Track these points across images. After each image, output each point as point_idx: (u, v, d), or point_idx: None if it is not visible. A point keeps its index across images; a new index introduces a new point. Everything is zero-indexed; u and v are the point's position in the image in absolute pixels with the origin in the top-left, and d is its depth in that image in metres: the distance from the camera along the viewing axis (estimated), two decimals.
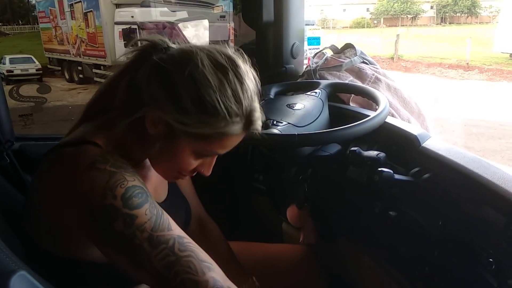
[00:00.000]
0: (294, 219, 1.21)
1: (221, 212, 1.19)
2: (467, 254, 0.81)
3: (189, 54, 0.74)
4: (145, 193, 0.70)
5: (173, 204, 0.95)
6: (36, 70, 10.32)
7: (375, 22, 26.49)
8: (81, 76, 10.40)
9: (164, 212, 0.71)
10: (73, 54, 10.47)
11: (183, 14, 8.49)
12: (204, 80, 0.71)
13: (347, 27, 25.99)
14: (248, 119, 0.76)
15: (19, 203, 1.03)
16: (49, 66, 11.37)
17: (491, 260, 0.74)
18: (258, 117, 0.77)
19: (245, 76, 0.75)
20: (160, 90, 0.72)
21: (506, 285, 0.70)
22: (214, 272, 0.66)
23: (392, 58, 13.45)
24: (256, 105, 0.77)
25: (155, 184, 0.90)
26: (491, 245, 0.76)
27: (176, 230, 0.69)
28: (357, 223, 1.12)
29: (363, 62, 1.45)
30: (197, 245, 0.69)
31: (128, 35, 8.88)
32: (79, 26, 10.08)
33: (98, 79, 9.94)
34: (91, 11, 9.55)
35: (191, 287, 0.64)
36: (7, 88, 1.60)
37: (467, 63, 11.92)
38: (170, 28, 8.16)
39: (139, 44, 0.80)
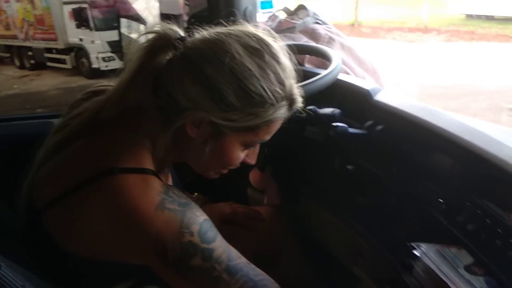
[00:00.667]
0: (257, 182, 1.22)
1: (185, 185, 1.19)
2: (420, 198, 0.84)
3: (219, 45, 0.69)
4: (212, 224, 0.71)
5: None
6: None
7: None
8: (32, 61, 9.86)
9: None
10: (21, 39, 9.90)
11: None
12: (245, 70, 0.68)
13: None
14: (291, 99, 0.74)
15: None
16: None
17: (440, 200, 0.78)
18: (298, 93, 0.75)
19: (280, 53, 0.72)
20: (199, 91, 0.69)
21: (454, 221, 0.74)
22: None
23: (353, 24, 13.52)
24: (294, 81, 0.75)
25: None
26: (440, 187, 0.80)
27: (242, 258, 0.72)
28: (318, 180, 1.15)
29: (317, 23, 1.45)
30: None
31: (79, 14, 8.48)
32: (25, 8, 9.51)
33: (51, 64, 9.51)
34: None
35: None
36: None
37: (425, 26, 12.15)
38: (121, 3, 7.84)
39: (146, 37, 0.74)
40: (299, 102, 0.76)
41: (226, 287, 0.68)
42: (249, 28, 0.73)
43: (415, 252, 0.71)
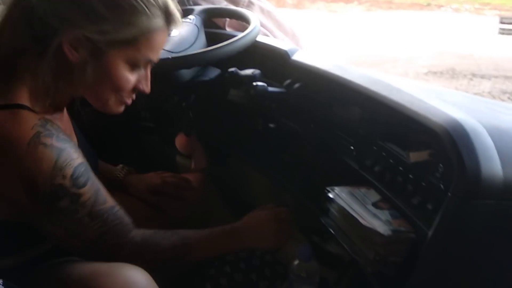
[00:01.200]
0: (184, 147, 1.23)
1: (113, 156, 1.16)
2: (334, 147, 0.91)
3: None
4: (87, 168, 0.71)
5: (83, 148, 0.89)
6: None
7: None
8: None
9: (100, 183, 0.74)
10: None
11: None
12: None
13: None
14: (167, 11, 0.73)
15: None
16: None
17: (352, 147, 0.84)
18: (175, 8, 0.75)
19: None
20: (66, 6, 0.67)
21: (364, 165, 0.81)
22: (134, 231, 0.78)
23: None
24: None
25: (68, 127, 0.84)
26: (351, 136, 0.86)
27: (109, 201, 0.75)
28: (243, 141, 1.18)
29: None
30: (121, 207, 0.77)
31: None
32: None
33: None
34: None
35: (116, 249, 0.76)
36: None
37: None
38: None
39: None
40: (177, 17, 0.76)
41: (83, 229, 0.71)
42: None
43: (329, 195, 0.77)
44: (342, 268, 0.95)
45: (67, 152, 0.68)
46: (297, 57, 1.06)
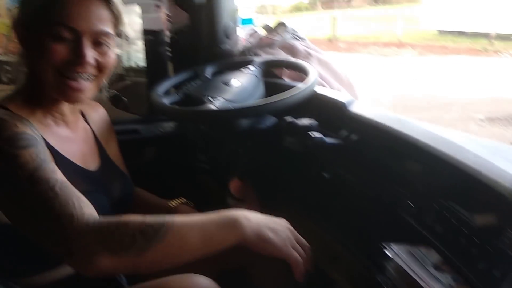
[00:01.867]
0: (237, 191, 1.25)
1: (167, 193, 1.21)
2: (391, 202, 0.89)
3: None
4: (35, 140, 0.71)
5: (106, 175, 0.92)
6: None
7: (313, 6, 26.98)
8: (9, 76, 9.76)
9: (53, 162, 0.72)
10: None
11: None
12: None
13: (286, 12, 26.28)
14: None
15: None
16: None
17: (410, 203, 0.83)
18: None
19: None
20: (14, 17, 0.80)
21: (423, 222, 0.79)
22: (93, 210, 0.68)
23: (330, 39, 13.82)
24: None
25: (82, 149, 0.89)
26: (410, 191, 0.85)
27: (61, 177, 0.69)
28: (296, 189, 1.19)
29: (295, 39, 1.51)
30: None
31: None
32: (5, 23, 9.42)
33: None
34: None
35: (67, 219, 0.63)
36: None
37: (399, 41, 12.52)
38: None
39: None
40: None
41: (22, 194, 0.66)
42: None
43: (387, 252, 0.75)
44: None
45: (12, 122, 0.71)
46: (354, 108, 1.07)
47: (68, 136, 0.87)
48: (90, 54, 0.79)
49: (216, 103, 1.11)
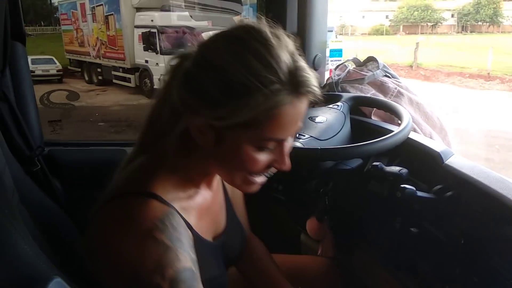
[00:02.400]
0: (314, 232, 1.22)
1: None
2: (488, 275, 0.81)
3: (203, 44, 0.70)
4: (193, 276, 0.67)
5: (231, 232, 0.92)
6: (57, 71, 10.50)
7: (394, 29, 26.30)
8: (100, 78, 10.63)
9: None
10: (93, 56, 10.70)
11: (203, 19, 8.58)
12: (220, 61, 0.65)
13: (366, 33, 25.87)
14: (294, 81, 0.65)
15: (47, 207, 1.07)
16: (69, 67, 11.58)
17: (507, 278, 0.74)
18: (308, 75, 0.67)
19: (270, 38, 0.66)
20: (188, 94, 0.68)
21: None
22: None
23: (411, 66, 13.33)
24: (302, 64, 0.67)
25: (215, 212, 0.88)
26: (507, 261, 0.76)
27: None
28: (377, 237, 1.13)
29: (386, 76, 1.46)
30: None
31: (147, 38, 9.06)
32: (100, 28, 10.30)
33: (117, 81, 10.15)
34: (112, 14, 9.77)
35: None
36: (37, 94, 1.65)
37: (488, 73, 11.74)
38: (191, 34, 8.26)
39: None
40: (309, 84, 0.67)
41: None
42: (243, 23, 0.70)
43: None
44: None
45: (175, 252, 0.66)
46: (451, 161, 1.00)
47: (205, 204, 0.83)
48: (287, 154, 0.74)
49: (301, 140, 1.10)
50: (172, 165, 0.75)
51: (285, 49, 0.66)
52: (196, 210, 0.79)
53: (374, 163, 1.02)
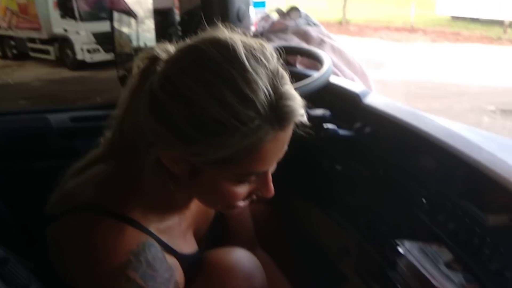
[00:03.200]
0: None
1: None
2: (404, 198, 0.89)
3: (171, 67, 0.61)
4: None
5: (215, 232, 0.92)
6: None
7: None
8: (14, 51, 9.65)
9: None
10: (4, 28, 9.66)
11: None
12: (190, 92, 0.57)
13: None
14: (276, 113, 0.58)
15: None
16: None
17: (423, 200, 0.82)
18: (291, 103, 0.59)
19: (246, 61, 0.57)
20: (158, 124, 0.59)
21: (436, 220, 0.78)
22: None
23: (340, 22, 13.63)
24: (284, 90, 0.59)
25: (198, 216, 0.85)
26: (423, 187, 0.84)
27: None
28: (308, 180, 1.19)
29: (308, 25, 1.48)
30: None
31: (63, 3, 8.34)
32: None
33: (34, 55, 9.26)
34: None
35: None
36: None
37: (412, 26, 12.32)
38: None
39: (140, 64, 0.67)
40: (294, 114, 0.60)
41: None
42: (219, 34, 0.61)
43: (399, 249, 0.75)
44: None
45: None
46: (369, 100, 1.06)
47: (186, 217, 0.80)
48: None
49: None
50: (147, 186, 0.68)
51: (264, 72, 0.58)
52: (176, 228, 0.77)
53: None
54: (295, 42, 1.42)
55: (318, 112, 1.05)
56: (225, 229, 1.02)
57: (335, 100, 1.12)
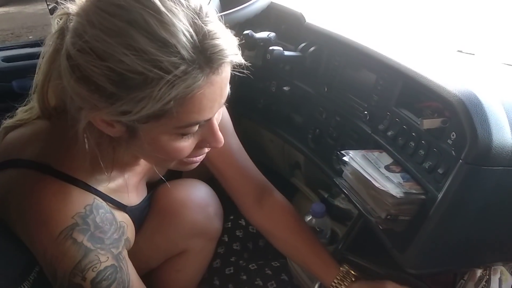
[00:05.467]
0: None
1: None
2: (348, 112, 0.94)
3: (79, 21, 0.55)
4: (116, 270, 0.67)
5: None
6: None
7: None
8: None
9: (131, 278, 0.70)
10: None
11: None
12: (102, 45, 0.51)
13: None
14: (203, 54, 0.53)
15: None
16: None
17: (366, 112, 0.88)
18: (219, 42, 0.54)
19: (161, 4, 0.52)
20: (80, 87, 0.55)
21: (377, 129, 0.85)
22: None
23: None
24: (209, 27, 0.54)
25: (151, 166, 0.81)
26: (365, 100, 0.90)
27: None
28: (257, 102, 1.21)
29: None
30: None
31: None
32: None
33: None
34: None
35: None
36: None
37: None
38: None
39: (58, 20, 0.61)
40: (225, 54, 0.56)
41: None
42: None
43: (344, 158, 0.81)
44: (351, 221, 1.01)
45: (95, 253, 0.64)
46: (312, 20, 1.07)
47: (136, 170, 0.78)
48: (218, 128, 0.65)
49: None
50: (90, 148, 0.63)
51: (182, 10, 0.52)
52: (126, 185, 0.74)
53: (245, 32, 1.05)
54: None
55: (263, 34, 1.05)
56: None
57: (279, 22, 1.12)
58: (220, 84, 0.58)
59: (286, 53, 1.01)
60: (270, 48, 0.99)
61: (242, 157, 0.94)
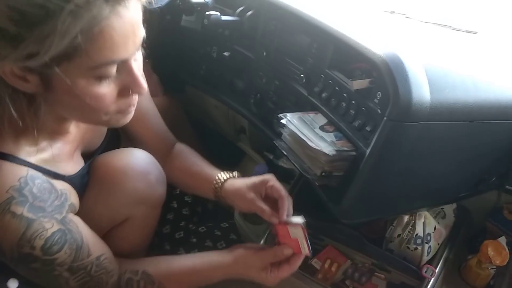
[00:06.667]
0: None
1: None
2: (285, 75, 0.97)
3: None
4: (65, 232, 0.68)
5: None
6: None
7: None
8: None
9: (84, 235, 0.71)
10: None
11: None
12: None
13: None
14: None
15: None
16: None
17: (302, 75, 0.91)
18: None
19: None
20: None
21: (312, 91, 0.88)
22: (116, 276, 0.78)
23: None
24: None
25: (87, 132, 0.81)
26: (301, 64, 0.93)
27: (94, 252, 0.73)
28: (199, 68, 1.21)
29: None
30: (111, 253, 0.78)
31: None
32: None
33: None
34: None
35: None
36: None
37: None
38: None
39: None
40: None
41: (65, 282, 0.71)
42: None
43: (282, 121, 0.85)
44: (293, 180, 1.07)
45: (38, 222, 0.64)
46: None
47: (71, 138, 0.76)
48: (140, 74, 0.62)
49: None
50: (7, 115, 0.59)
51: None
52: (61, 154, 0.72)
53: None
54: None
55: None
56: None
57: None
58: (130, 20, 0.55)
59: (224, 17, 1.01)
60: (207, 13, 0.98)
61: (157, 120, 0.97)
